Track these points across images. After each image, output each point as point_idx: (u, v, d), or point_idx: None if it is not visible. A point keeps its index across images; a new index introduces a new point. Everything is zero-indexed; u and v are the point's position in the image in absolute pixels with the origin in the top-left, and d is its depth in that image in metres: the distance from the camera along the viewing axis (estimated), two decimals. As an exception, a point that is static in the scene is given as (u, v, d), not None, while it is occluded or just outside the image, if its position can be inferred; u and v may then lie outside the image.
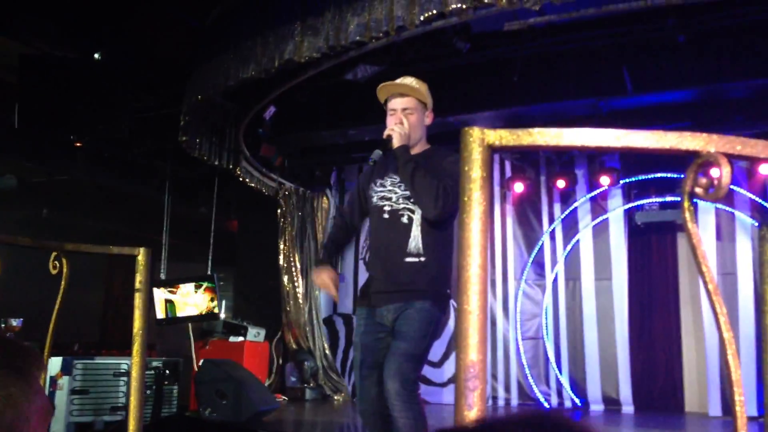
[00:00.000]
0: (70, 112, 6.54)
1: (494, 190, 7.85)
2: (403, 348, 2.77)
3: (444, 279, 2.97)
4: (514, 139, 1.27)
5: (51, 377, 5.14)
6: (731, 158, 1.26)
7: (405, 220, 2.91)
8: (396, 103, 2.98)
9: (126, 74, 6.78)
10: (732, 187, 1.17)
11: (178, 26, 6.11)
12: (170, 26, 6.13)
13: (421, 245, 2.87)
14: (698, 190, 1.27)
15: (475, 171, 1.25)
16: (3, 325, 5.33)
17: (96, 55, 6.49)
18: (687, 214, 1.31)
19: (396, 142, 2.90)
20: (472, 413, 1.19)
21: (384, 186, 3.00)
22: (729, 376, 1.16)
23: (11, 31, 5.94)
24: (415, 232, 2.88)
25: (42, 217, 9.03)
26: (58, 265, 2.88)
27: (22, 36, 6.02)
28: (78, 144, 7.22)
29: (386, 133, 2.94)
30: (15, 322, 5.32)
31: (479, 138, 1.26)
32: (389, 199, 2.96)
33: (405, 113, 2.96)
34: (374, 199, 3.02)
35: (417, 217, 2.89)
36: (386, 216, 2.95)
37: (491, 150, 1.27)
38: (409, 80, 3.03)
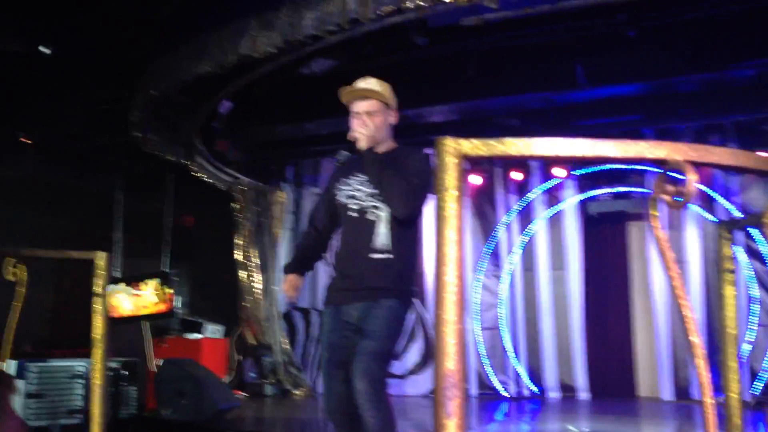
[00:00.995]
0: (20, 107, 6.36)
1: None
2: (370, 347, 2.78)
3: (410, 276, 2.99)
4: (487, 148, 1.29)
5: (4, 381, 5.01)
6: (696, 166, 1.31)
7: (372, 217, 2.93)
8: (359, 107, 3.00)
9: (78, 68, 6.61)
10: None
11: (133, 20, 5.98)
12: (124, 20, 6.00)
13: (387, 242, 2.89)
14: (665, 197, 1.31)
15: (451, 181, 1.26)
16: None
17: (43, 49, 6.31)
18: (655, 222, 1.35)
19: (362, 144, 2.92)
20: (451, 422, 1.22)
21: (350, 185, 3.01)
22: (699, 377, 1.21)
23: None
24: (382, 230, 2.90)
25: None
26: (15, 271, 2.82)
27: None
28: (27, 141, 7.03)
29: (351, 135, 2.95)
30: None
31: (454, 148, 1.27)
32: (356, 197, 2.97)
33: (369, 116, 2.97)
34: (341, 198, 3.02)
35: (383, 215, 2.91)
36: (353, 214, 2.97)
37: (465, 160, 1.29)
38: (371, 82, 3.03)
